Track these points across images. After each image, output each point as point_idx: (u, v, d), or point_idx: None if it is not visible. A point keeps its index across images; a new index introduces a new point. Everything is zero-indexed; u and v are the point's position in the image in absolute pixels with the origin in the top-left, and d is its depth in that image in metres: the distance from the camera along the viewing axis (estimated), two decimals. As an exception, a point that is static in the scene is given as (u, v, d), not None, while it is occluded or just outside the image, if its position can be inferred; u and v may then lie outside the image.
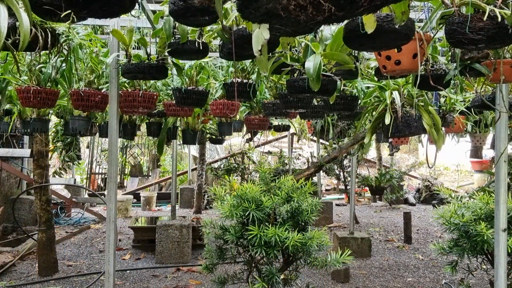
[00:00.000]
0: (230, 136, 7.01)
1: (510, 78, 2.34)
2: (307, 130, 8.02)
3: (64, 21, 1.75)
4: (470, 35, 1.61)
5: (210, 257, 3.07)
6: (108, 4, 1.58)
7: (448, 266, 3.44)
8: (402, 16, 1.46)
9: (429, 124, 3.02)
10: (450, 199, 3.49)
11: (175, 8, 1.82)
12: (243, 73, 3.66)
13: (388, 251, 6.05)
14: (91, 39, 3.56)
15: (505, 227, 2.59)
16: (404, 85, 3.17)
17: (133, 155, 12.14)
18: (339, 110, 3.66)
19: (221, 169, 8.78)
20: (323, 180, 11.28)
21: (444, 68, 2.61)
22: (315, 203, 2.97)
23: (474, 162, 10.85)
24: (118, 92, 3.29)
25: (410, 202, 9.93)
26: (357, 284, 4.65)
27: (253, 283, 2.83)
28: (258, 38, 1.05)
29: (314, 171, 6.61)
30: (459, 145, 6.80)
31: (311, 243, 2.77)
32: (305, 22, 0.71)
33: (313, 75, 2.25)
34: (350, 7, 0.68)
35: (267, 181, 3.10)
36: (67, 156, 7.57)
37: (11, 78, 3.71)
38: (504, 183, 2.58)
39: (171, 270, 5.12)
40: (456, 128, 4.75)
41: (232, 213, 2.83)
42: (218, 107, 4.14)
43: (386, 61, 2.02)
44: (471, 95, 3.83)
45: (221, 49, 2.47)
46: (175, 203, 6.27)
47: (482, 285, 4.52)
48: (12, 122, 4.88)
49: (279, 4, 0.67)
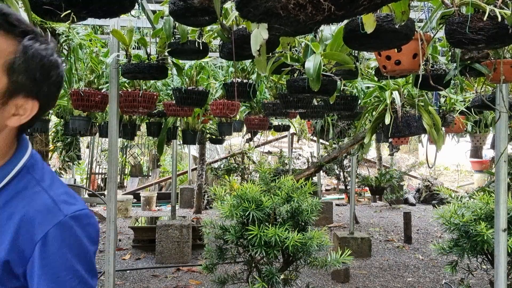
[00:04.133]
0: (230, 136, 7.00)
1: (510, 78, 2.34)
2: (307, 130, 8.02)
3: (64, 21, 1.75)
4: (470, 35, 1.61)
5: (210, 257, 3.07)
6: (108, 4, 1.58)
7: (448, 266, 3.44)
8: (402, 16, 1.46)
9: (429, 124, 3.02)
10: (450, 199, 3.49)
11: (175, 8, 1.82)
12: (243, 73, 3.66)
13: (388, 251, 6.05)
14: (91, 39, 3.56)
15: (505, 227, 2.59)
16: (404, 85, 3.17)
17: (133, 155, 12.14)
18: (339, 110, 3.66)
19: (221, 169, 8.78)
20: (323, 180, 11.28)
21: (444, 68, 2.60)
22: (315, 203, 2.97)
23: (474, 162, 10.85)
24: (118, 92, 3.29)
25: (410, 202, 9.93)
26: (357, 284, 4.65)
27: (253, 283, 2.83)
28: (256, 38, 1.05)
29: (314, 171, 6.61)
30: (459, 145, 6.80)
31: (311, 243, 2.77)
32: (305, 22, 0.71)
33: (313, 75, 2.25)
34: (349, 6, 0.68)
35: (267, 181, 3.10)
36: (67, 156, 7.57)
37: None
38: (504, 183, 2.58)
39: (171, 270, 5.12)
40: (456, 128, 4.75)
41: (232, 213, 2.83)
42: (218, 107, 4.14)
43: (386, 61, 2.02)
44: (471, 95, 3.83)
45: (221, 49, 2.47)
46: (175, 203, 6.27)
47: (482, 285, 4.51)
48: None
49: (279, 2, 0.67)
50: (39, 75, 0.84)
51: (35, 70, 0.83)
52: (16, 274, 0.86)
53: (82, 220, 0.89)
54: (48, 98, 0.88)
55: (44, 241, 0.84)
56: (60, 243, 0.85)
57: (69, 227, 0.86)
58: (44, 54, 0.84)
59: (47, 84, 0.86)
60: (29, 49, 0.81)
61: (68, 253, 0.86)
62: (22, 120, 0.86)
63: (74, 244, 0.87)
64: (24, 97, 0.84)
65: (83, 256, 0.89)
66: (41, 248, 0.84)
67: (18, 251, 0.84)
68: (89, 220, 0.91)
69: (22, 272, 0.86)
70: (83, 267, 0.88)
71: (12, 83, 0.81)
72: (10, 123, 0.84)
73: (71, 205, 0.89)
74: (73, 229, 0.87)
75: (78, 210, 0.89)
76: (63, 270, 0.85)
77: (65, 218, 0.86)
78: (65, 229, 0.86)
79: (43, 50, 0.84)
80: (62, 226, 0.85)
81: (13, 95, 0.82)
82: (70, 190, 0.94)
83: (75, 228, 0.87)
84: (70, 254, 0.86)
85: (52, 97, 0.90)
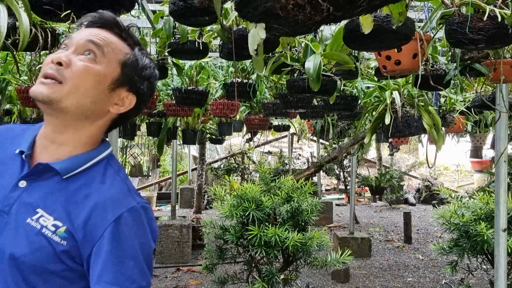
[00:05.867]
0: (230, 136, 7.01)
1: (510, 78, 2.34)
2: (307, 130, 8.02)
3: (64, 21, 1.75)
4: (470, 35, 1.61)
5: (210, 257, 3.07)
6: (108, 4, 1.58)
7: (448, 266, 3.44)
8: (399, 16, 1.46)
9: (429, 124, 3.02)
10: (450, 199, 3.49)
11: (175, 8, 1.82)
12: (243, 73, 3.66)
13: (388, 251, 6.05)
14: (91, 39, 3.56)
15: (505, 227, 2.59)
16: (404, 85, 3.17)
17: (133, 155, 12.14)
18: (339, 110, 3.66)
19: (221, 169, 8.77)
20: (323, 180, 11.28)
21: (444, 68, 2.60)
22: (315, 203, 2.97)
23: (474, 162, 10.84)
24: (118, 92, 3.28)
25: (410, 202, 9.92)
26: (357, 284, 4.65)
27: (253, 283, 2.83)
28: (254, 38, 1.05)
29: (314, 171, 6.61)
30: (459, 145, 6.80)
31: (311, 243, 2.77)
32: (303, 22, 0.71)
33: (313, 75, 2.25)
34: (348, 7, 0.68)
35: (267, 181, 3.10)
36: (67, 156, 7.56)
37: (11, 78, 3.71)
38: (504, 183, 2.57)
39: (171, 270, 5.12)
40: (456, 128, 4.75)
41: (232, 213, 2.83)
42: (218, 107, 4.14)
43: (386, 61, 2.02)
44: (471, 95, 3.83)
45: (221, 49, 2.47)
46: (175, 203, 6.27)
47: (482, 285, 4.51)
48: (12, 122, 4.89)
49: (278, 3, 0.67)
50: (142, 76, 1.02)
51: (140, 71, 1.01)
52: (73, 255, 0.91)
53: (149, 213, 0.97)
54: (143, 98, 1.04)
55: (117, 222, 0.91)
56: (131, 228, 0.92)
57: (139, 214, 0.95)
58: (147, 62, 1.03)
59: (146, 85, 1.03)
60: (138, 55, 1.01)
61: (135, 239, 0.93)
62: (121, 110, 1.01)
63: (141, 232, 0.95)
64: (127, 91, 1.00)
65: (146, 247, 0.95)
66: (113, 228, 0.91)
67: (88, 230, 0.91)
68: (153, 215, 1.00)
69: (87, 253, 0.91)
70: (143, 257, 0.93)
71: (123, 75, 0.98)
72: (112, 110, 0.99)
73: (141, 197, 0.99)
74: (142, 218, 0.95)
75: (146, 203, 0.98)
76: (128, 255, 0.91)
77: (138, 205, 0.95)
78: (136, 215, 0.94)
79: (146, 59, 1.03)
80: (134, 211, 0.94)
81: (120, 85, 0.99)
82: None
83: (143, 217, 0.96)
84: (136, 241, 0.93)
85: (146, 98, 1.05)
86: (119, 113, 1.01)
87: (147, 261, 0.94)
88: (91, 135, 0.99)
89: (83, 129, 0.97)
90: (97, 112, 0.98)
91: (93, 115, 0.97)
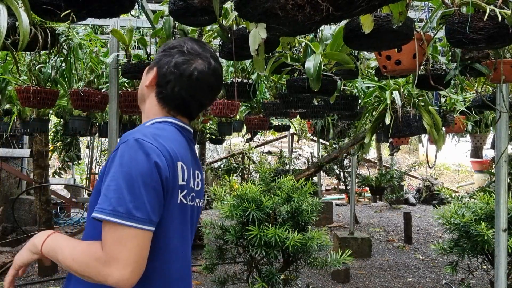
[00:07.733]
0: (230, 136, 7.00)
1: (510, 78, 2.34)
2: (307, 130, 8.02)
3: (64, 21, 1.75)
4: (471, 35, 1.60)
5: (210, 257, 3.07)
6: (108, 4, 1.58)
7: (448, 266, 3.44)
8: (400, 16, 1.46)
9: (430, 124, 3.02)
10: (450, 199, 3.48)
11: (175, 8, 1.81)
12: (243, 73, 3.66)
13: (388, 251, 6.05)
14: (91, 39, 3.56)
15: (506, 227, 2.59)
16: (405, 85, 3.16)
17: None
18: (339, 110, 3.65)
19: (221, 169, 8.77)
20: (323, 180, 11.28)
21: (444, 68, 2.60)
22: (315, 203, 2.96)
23: (474, 162, 10.84)
24: (118, 92, 3.29)
25: (410, 202, 9.92)
26: (357, 284, 4.65)
27: (253, 283, 2.83)
28: (255, 38, 1.05)
29: (314, 171, 6.60)
30: (459, 145, 6.79)
31: (311, 243, 2.76)
32: (303, 22, 0.71)
33: (313, 75, 2.25)
34: (347, 7, 0.68)
35: (267, 181, 3.09)
36: (67, 156, 7.56)
37: (11, 78, 3.71)
38: (505, 183, 2.57)
39: (171, 270, 5.11)
40: (457, 128, 4.75)
41: (232, 213, 2.82)
42: (218, 107, 4.13)
43: (386, 61, 2.02)
44: (471, 95, 3.83)
45: (221, 49, 2.47)
46: (175, 203, 6.24)
47: (482, 285, 4.51)
48: (11, 122, 4.88)
49: (277, 3, 0.67)
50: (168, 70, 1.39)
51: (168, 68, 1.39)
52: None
53: (143, 145, 1.12)
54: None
55: (114, 154, 1.13)
56: (120, 156, 1.12)
57: (131, 145, 1.12)
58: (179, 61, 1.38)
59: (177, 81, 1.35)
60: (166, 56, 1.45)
61: (117, 165, 1.11)
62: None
63: (127, 159, 1.11)
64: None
65: (127, 172, 1.09)
66: (110, 157, 1.15)
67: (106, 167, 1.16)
68: (144, 150, 1.12)
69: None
70: (124, 181, 1.08)
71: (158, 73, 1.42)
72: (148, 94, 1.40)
73: (144, 136, 1.15)
74: (133, 148, 1.12)
75: (141, 139, 1.14)
76: (110, 175, 1.10)
77: (131, 139, 1.13)
78: (127, 146, 1.13)
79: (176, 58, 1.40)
80: (127, 143, 1.13)
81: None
82: (163, 137, 1.20)
83: (135, 148, 1.12)
84: (119, 168, 1.10)
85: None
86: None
87: (128, 184, 1.08)
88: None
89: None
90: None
91: None
